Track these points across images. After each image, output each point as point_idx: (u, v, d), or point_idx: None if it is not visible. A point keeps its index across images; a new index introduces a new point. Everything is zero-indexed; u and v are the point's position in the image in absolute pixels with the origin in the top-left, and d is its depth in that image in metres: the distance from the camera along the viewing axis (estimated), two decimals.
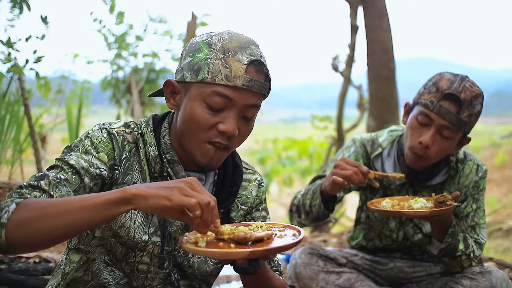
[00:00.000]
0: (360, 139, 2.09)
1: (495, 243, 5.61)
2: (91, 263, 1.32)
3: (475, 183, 1.95)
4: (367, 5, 4.10)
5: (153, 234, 1.30)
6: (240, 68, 1.19)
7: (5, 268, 2.10)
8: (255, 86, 1.21)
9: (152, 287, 1.34)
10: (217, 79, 1.19)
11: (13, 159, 3.91)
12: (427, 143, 1.78)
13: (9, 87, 3.37)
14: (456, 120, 1.75)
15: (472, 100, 1.76)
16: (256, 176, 1.49)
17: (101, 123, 1.32)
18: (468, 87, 1.76)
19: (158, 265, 1.32)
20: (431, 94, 1.79)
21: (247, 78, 1.20)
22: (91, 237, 1.31)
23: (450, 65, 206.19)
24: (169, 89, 1.29)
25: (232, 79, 1.19)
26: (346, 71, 5.02)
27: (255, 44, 1.25)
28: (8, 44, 2.80)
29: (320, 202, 1.85)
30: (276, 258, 1.46)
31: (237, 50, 1.21)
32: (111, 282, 1.31)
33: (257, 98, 1.24)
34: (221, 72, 1.19)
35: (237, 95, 1.20)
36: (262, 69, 1.23)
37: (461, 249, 1.82)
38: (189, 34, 4.59)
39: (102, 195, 1.02)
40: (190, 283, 1.40)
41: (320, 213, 1.88)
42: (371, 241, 2.13)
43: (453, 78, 1.78)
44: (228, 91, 1.19)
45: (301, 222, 1.98)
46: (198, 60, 1.22)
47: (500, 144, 14.60)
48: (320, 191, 1.85)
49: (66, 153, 1.22)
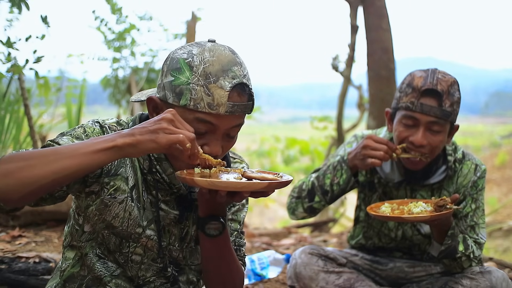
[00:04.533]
0: (361, 135, 2.12)
1: (495, 243, 5.62)
2: (85, 257, 1.35)
3: (473, 183, 1.95)
4: (367, 5, 4.09)
5: (147, 228, 1.32)
6: (222, 96, 1.18)
7: (5, 268, 2.10)
8: (238, 110, 1.22)
9: (146, 278, 1.37)
10: (200, 107, 1.19)
11: None
12: (420, 142, 1.78)
13: (9, 87, 3.36)
14: (441, 112, 1.76)
15: (449, 89, 1.77)
16: (243, 165, 1.51)
17: (95, 118, 1.35)
18: (441, 78, 1.78)
19: (152, 258, 1.35)
20: (409, 95, 1.80)
21: (230, 104, 1.19)
22: (80, 233, 1.34)
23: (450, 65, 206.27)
24: (151, 105, 1.28)
25: (215, 107, 1.19)
26: (346, 71, 5.02)
27: (237, 63, 1.23)
28: (8, 44, 2.79)
29: (350, 175, 1.89)
30: (242, 249, 1.49)
31: (219, 75, 1.19)
32: (105, 274, 1.34)
33: (240, 118, 1.26)
34: (203, 99, 1.18)
35: (220, 121, 1.21)
36: (245, 90, 1.22)
37: (461, 250, 1.82)
38: (189, 34, 4.59)
39: (92, 144, 1.06)
40: (187, 277, 1.43)
41: (348, 187, 1.92)
42: (370, 240, 2.13)
43: (425, 74, 1.80)
44: (211, 118, 1.20)
45: (312, 207, 1.97)
46: (180, 83, 1.20)
47: (500, 144, 14.60)
48: (347, 166, 1.89)
49: (58, 137, 1.24)
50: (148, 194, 1.32)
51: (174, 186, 1.32)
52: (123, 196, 1.28)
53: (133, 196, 1.30)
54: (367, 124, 4.11)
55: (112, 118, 1.38)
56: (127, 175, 1.29)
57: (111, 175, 1.27)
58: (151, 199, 1.32)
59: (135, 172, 1.31)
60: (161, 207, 1.34)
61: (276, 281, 2.53)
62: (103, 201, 1.27)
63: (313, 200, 1.96)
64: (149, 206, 1.32)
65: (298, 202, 2.00)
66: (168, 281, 1.39)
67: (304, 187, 2.00)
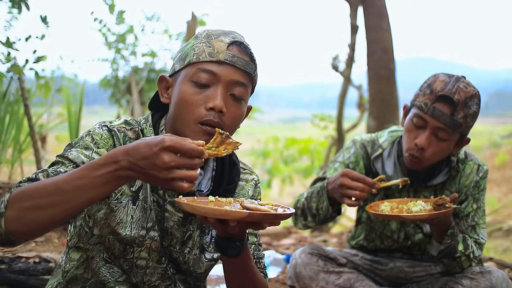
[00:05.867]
0: (360, 140, 2.09)
1: (495, 243, 5.62)
2: (91, 260, 1.33)
3: (475, 183, 1.95)
4: (367, 5, 4.09)
5: (151, 229, 1.31)
6: (222, 46, 1.27)
7: (5, 268, 2.10)
8: (238, 62, 1.26)
9: (151, 282, 1.35)
10: (201, 58, 1.26)
11: (13, 159, 3.91)
12: (422, 145, 1.78)
13: (9, 87, 3.36)
14: (451, 121, 1.75)
15: (467, 101, 1.75)
16: (253, 176, 1.50)
17: (102, 121, 1.34)
18: (463, 88, 1.76)
19: (157, 260, 1.33)
20: (426, 96, 1.79)
21: (229, 54, 1.26)
22: (89, 235, 1.32)
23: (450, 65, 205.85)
24: (163, 84, 1.35)
25: (215, 55, 1.26)
26: (346, 71, 5.01)
27: (239, 34, 1.33)
28: (8, 44, 2.79)
29: (327, 205, 1.87)
30: (262, 261, 1.47)
31: (220, 34, 1.30)
32: (110, 279, 1.33)
33: (242, 76, 1.28)
34: (204, 51, 1.27)
35: (221, 70, 1.25)
36: (245, 49, 1.29)
37: (461, 250, 1.82)
38: (189, 34, 4.59)
39: (95, 176, 1.02)
40: (185, 278, 1.41)
41: (328, 216, 1.91)
42: (372, 242, 2.13)
43: (448, 80, 1.78)
44: (212, 66, 1.25)
45: (307, 225, 1.99)
46: (186, 50, 1.31)
47: (500, 144, 14.60)
48: (327, 194, 1.86)
49: (67, 150, 1.24)
50: (155, 194, 1.32)
51: None
52: (126, 200, 1.28)
53: (139, 197, 1.29)
54: (367, 124, 4.11)
55: (120, 119, 1.37)
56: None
57: None
58: (158, 199, 1.32)
59: None
60: (167, 208, 1.33)
61: (276, 281, 2.53)
62: (109, 206, 1.27)
63: (306, 219, 1.97)
64: (155, 206, 1.32)
65: (297, 218, 2.01)
66: (172, 282, 1.37)
67: (299, 205, 2.00)
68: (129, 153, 1.01)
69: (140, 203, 1.29)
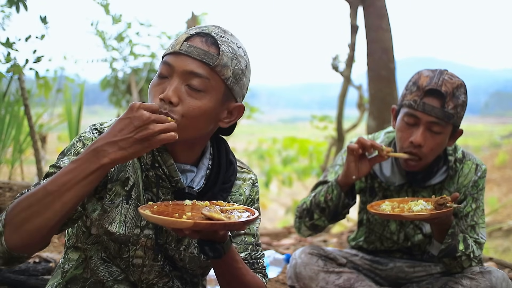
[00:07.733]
0: None
1: (495, 243, 5.62)
2: (89, 260, 1.34)
3: (474, 182, 1.95)
4: (367, 5, 4.09)
5: (145, 227, 1.31)
6: (183, 37, 1.25)
7: (5, 268, 2.10)
8: (194, 52, 1.22)
9: (149, 280, 1.35)
10: (166, 51, 1.27)
11: (13, 159, 3.91)
12: (418, 142, 1.79)
13: (9, 87, 3.36)
14: (442, 114, 1.76)
15: (454, 92, 1.77)
16: (250, 176, 1.49)
17: (92, 124, 1.34)
18: (448, 79, 1.78)
19: (153, 258, 1.33)
20: (413, 93, 1.80)
21: (187, 44, 1.23)
22: (87, 235, 1.33)
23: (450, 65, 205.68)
24: None
25: (174, 46, 1.25)
26: (346, 71, 5.01)
27: (221, 28, 1.28)
28: (7, 44, 2.79)
29: (339, 191, 1.85)
30: (260, 261, 1.45)
31: (196, 28, 1.28)
32: (108, 278, 1.33)
33: (199, 66, 1.22)
34: (170, 44, 1.28)
35: (175, 61, 1.24)
36: (210, 40, 1.24)
37: (461, 249, 1.82)
38: None
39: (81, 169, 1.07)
40: (182, 275, 1.42)
41: (340, 204, 1.87)
42: (372, 244, 2.13)
43: (432, 74, 1.80)
44: (169, 57, 1.25)
45: (314, 224, 1.96)
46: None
47: (500, 144, 14.60)
48: (336, 183, 1.87)
49: (60, 159, 1.25)
50: (148, 192, 1.31)
51: (173, 179, 1.30)
52: (119, 200, 1.28)
53: (131, 196, 1.29)
54: (367, 124, 4.11)
55: (111, 119, 1.37)
56: (127, 176, 1.29)
57: (114, 181, 1.28)
58: (152, 197, 1.32)
59: (135, 171, 1.30)
60: None
61: (276, 281, 2.54)
62: (103, 207, 1.27)
63: (312, 218, 1.95)
64: None
65: (301, 222, 2.00)
66: (170, 279, 1.38)
67: (304, 206, 1.99)
68: (106, 136, 1.08)
69: (133, 201, 1.29)
